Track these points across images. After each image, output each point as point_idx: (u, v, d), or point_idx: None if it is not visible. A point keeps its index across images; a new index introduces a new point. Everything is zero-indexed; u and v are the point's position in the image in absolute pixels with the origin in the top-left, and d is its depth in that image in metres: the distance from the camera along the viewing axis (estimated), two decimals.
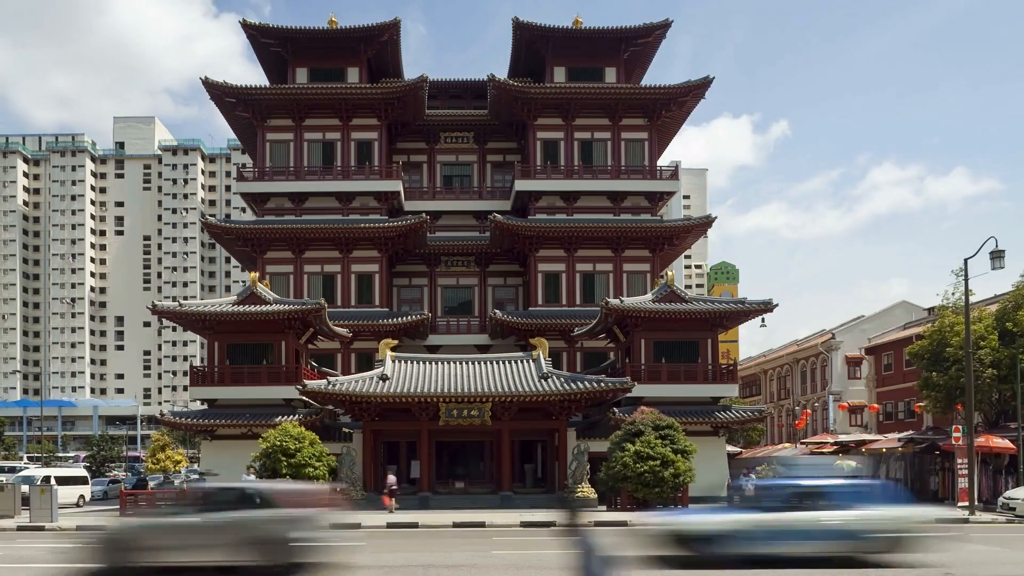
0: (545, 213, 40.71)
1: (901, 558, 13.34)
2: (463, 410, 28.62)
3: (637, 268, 40.79)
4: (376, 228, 39.05)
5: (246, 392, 31.46)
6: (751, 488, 16.71)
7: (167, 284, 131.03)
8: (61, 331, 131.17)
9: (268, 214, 41.02)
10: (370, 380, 29.15)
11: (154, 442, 49.02)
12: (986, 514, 24.28)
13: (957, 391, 29.05)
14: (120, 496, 27.71)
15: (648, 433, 26.19)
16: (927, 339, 31.78)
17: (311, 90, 40.10)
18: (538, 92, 39.87)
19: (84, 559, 12.75)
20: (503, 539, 18.46)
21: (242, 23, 40.22)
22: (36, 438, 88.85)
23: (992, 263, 23.52)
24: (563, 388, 28.46)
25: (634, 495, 26.07)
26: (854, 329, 48.62)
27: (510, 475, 29.71)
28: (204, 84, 39.39)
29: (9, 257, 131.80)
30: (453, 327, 42.16)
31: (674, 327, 32.16)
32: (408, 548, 16.38)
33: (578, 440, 30.45)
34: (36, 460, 60.10)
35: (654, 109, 40.95)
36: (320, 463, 26.93)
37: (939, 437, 29.47)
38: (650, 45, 42.24)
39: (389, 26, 40.62)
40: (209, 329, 31.91)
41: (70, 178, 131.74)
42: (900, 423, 42.04)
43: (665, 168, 42.19)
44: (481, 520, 22.78)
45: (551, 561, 13.82)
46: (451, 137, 44.33)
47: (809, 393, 51.11)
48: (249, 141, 44.17)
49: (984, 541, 17.09)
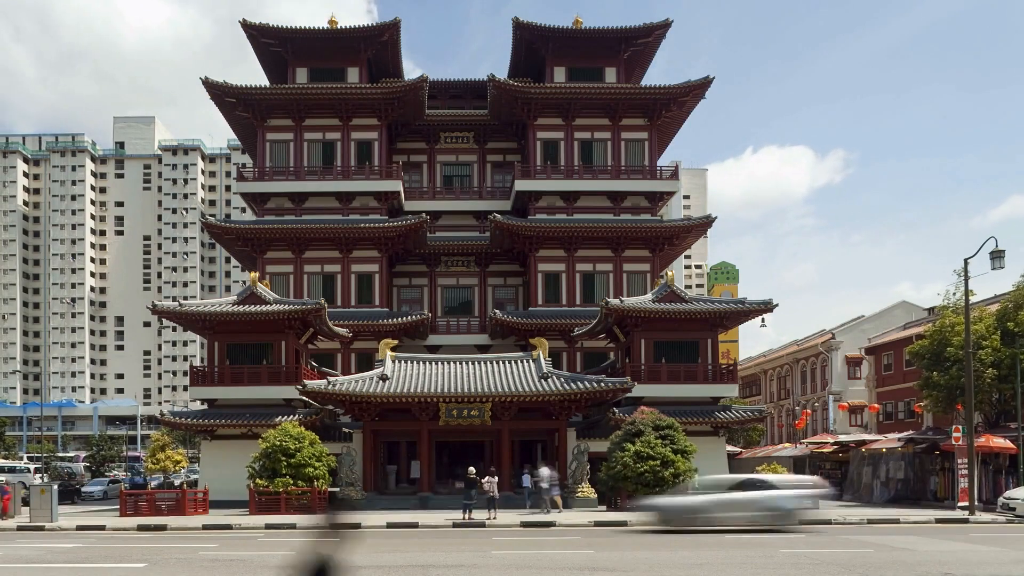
0: (545, 213, 40.71)
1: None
2: (463, 410, 28.62)
3: (637, 268, 40.79)
4: (376, 228, 39.05)
5: (246, 392, 31.44)
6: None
7: (167, 284, 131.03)
8: (61, 331, 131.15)
9: (268, 214, 41.02)
10: (370, 380, 29.15)
11: (154, 442, 48.91)
12: (986, 514, 24.27)
13: (958, 391, 29.03)
14: (120, 496, 27.71)
15: (648, 433, 26.17)
16: (928, 339, 31.76)
17: (311, 90, 40.09)
18: (538, 92, 39.86)
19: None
20: (503, 539, 18.46)
21: (242, 23, 40.22)
22: (36, 438, 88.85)
23: (992, 263, 23.50)
24: (563, 388, 28.45)
25: (634, 495, 26.06)
26: (854, 329, 48.62)
27: (510, 475, 29.70)
28: (204, 84, 39.39)
29: (9, 257, 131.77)
30: (453, 327, 42.16)
31: (674, 327, 32.13)
32: (408, 548, 16.38)
33: (578, 440, 30.46)
34: (36, 460, 60.12)
35: (654, 109, 40.94)
36: (320, 463, 26.94)
37: (939, 437, 29.44)
38: (650, 45, 42.23)
39: (389, 26, 40.64)
40: (209, 329, 31.89)
41: (70, 178, 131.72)
42: (900, 423, 42.03)
43: (665, 168, 42.19)
44: (481, 520, 22.79)
45: (551, 561, 13.82)
46: (451, 137, 44.33)
47: (809, 393, 51.11)
48: (249, 141, 44.17)
49: (984, 541, 17.08)
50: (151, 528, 22.53)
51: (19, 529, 22.89)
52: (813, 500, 21.29)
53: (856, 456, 35.12)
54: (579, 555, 14.97)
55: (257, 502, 26.37)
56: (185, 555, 15.66)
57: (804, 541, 17.36)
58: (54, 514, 24.08)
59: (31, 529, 22.81)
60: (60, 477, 46.40)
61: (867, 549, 15.64)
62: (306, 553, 4.67)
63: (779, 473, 28.92)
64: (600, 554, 15.00)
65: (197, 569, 13.41)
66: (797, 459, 39.25)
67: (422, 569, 12.91)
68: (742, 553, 14.92)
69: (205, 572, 13.05)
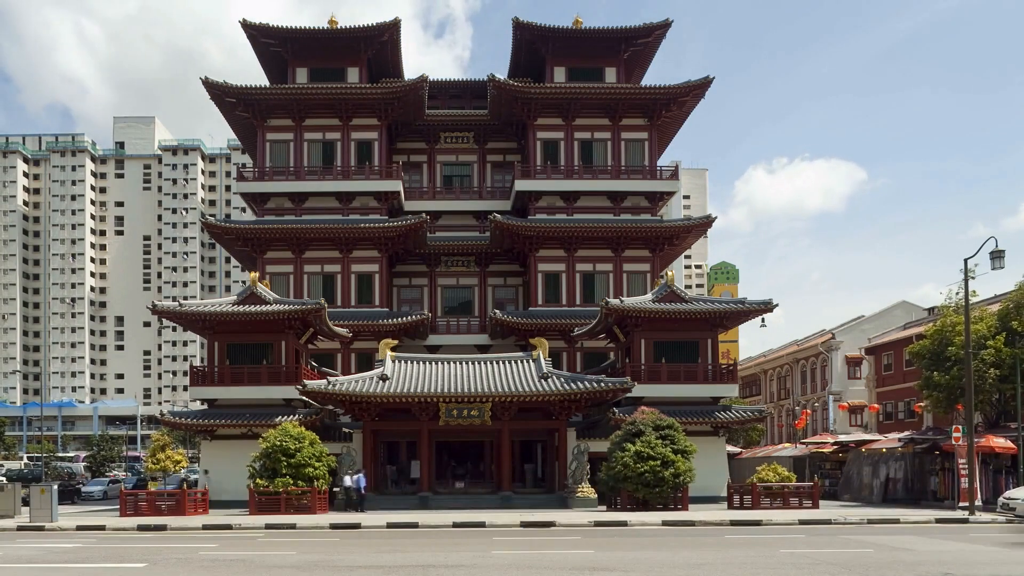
0: (545, 213, 40.71)
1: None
2: (463, 410, 28.62)
3: (637, 268, 40.79)
4: (376, 228, 39.05)
5: (246, 392, 31.42)
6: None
7: (167, 284, 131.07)
8: (61, 331, 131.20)
9: (268, 214, 41.02)
10: (370, 380, 29.15)
11: (154, 442, 48.89)
12: (986, 514, 24.27)
13: (958, 391, 29.01)
14: (120, 496, 27.72)
15: (648, 433, 26.19)
16: (928, 339, 31.75)
17: (311, 90, 40.08)
18: (538, 92, 39.86)
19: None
20: (503, 539, 18.45)
21: (242, 23, 40.21)
22: (36, 438, 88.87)
23: (992, 263, 23.52)
24: (563, 388, 28.45)
25: (634, 495, 26.09)
26: (854, 329, 48.64)
27: (510, 475, 29.70)
28: (204, 84, 39.38)
29: (9, 257, 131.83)
30: (453, 327, 42.16)
31: (674, 327, 32.13)
32: (408, 548, 16.38)
33: (578, 440, 30.47)
34: (36, 460, 60.13)
35: (654, 109, 40.94)
36: (320, 463, 26.96)
37: (939, 437, 29.45)
38: (650, 45, 42.23)
39: (389, 26, 40.63)
40: (209, 329, 31.89)
41: (70, 178, 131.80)
42: (900, 423, 42.05)
43: (665, 168, 42.19)
44: (481, 520, 22.76)
45: (551, 561, 13.82)
46: (451, 137, 44.32)
47: (809, 393, 51.13)
48: (249, 141, 44.17)
49: (984, 541, 17.09)
50: (151, 528, 22.54)
51: (19, 529, 22.89)
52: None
53: (856, 456, 35.13)
54: (579, 555, 14.97)
55: (257, 502, 26.39)
56: (185, 555, 15.65)
57: (804, 541, 17.37)
58: (54, 514, 24.09)
59: (31, 529, 22.81)
60: (60, 477, 46.44)
61: (867, 549, 15.64)
62: None
63: (779, 473, 28.87)
64: (600, 554, 15.00)
65: (197, 569, 13.40)
66: (797, 459, 39.23)
67: (422, 569, 12.90)
68: (742, 553, 14.92)
69: (205, 572, 13.04)
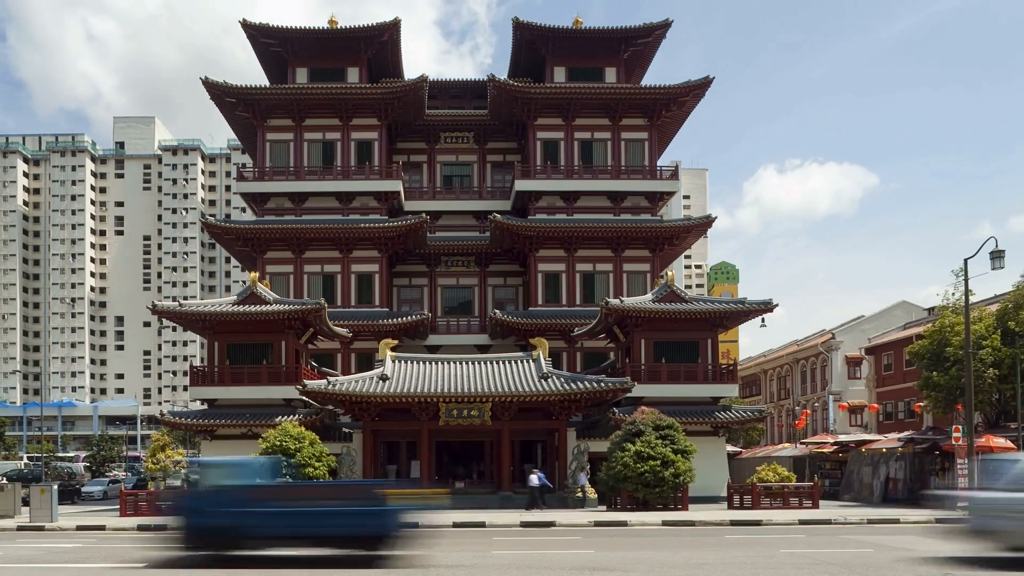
0: (545, 213, 40.71)
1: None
2: (463, 410, 28.62)
3: (637, 268, 40.80)
4: (376, 228, 39.05)
5: (246, 392, 31.45)
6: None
7: (167, 284, 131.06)
8: (61, 331, 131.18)
9: (268, 214, 41.03)
10: (370, 380, 29.15)
11: (154, 442, 48.73)
12: None
13: (958, 391, 29.04)
14: (120, 496, 27.71)
15: (648, 433, 26.17)
16: (928, 339, 31.78)
17: (311, 90, 40.09)
18: (538, 92, 39.86)
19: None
20: (503, 539, 18.45)
21: (242, 23, 40.22)
22: (36, 438, 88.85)
23: (992, 263, 23.52)
24: (563, 388, 28.46)
25: (634, 495, 26.07)
26: (854, 329, 48.64)
27: (510, 475, 29.71)
28: (204, 84, 39.39)
29: (9, 257, 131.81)
30: (453, 327, 42.16)
31: (674, 327, 32.14)
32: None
33: (578, 440, 30.46)
34: (36, 460, 60.10)
35: (654, 109, 40.95)
36: (320, 463, 26.94)
37: (939, 437, 29.46)
38: (650, 45, 42.24)
39: (389, 26, 40.64)
40: (209, 329, 31.90)
41: (70, 178, 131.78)
42: (900, 423, 42.05)
43: (665, 168, 42.21)
44: (481, 520, 22.75)
45: (551, 561, 13.82)
46: (451, 137, 44.34)
47: (809, 393, 51.13)
48: (249, 141, 44.18)
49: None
50: (151, 528, 22.51)
51: (19, 529, 22.88)
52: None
53: (856, 456, 35.13)
54: (579, 555, 14.97)
55: None
56: (185, 554, 15.63)
57: (804, 541, 17.37)
58: (54, 514, 24.07)
59: (31, 529, 22.80)
60: (60, 477, 46.43)
61: (867, 549, 15.64)
62: None
63: (779, 473, 28.86)
64: (600, 554, 15.00)
65: (197, 569, 13.40)
66: (797, 459, 39.24)
67: (422, 569, 12.91)
68: (742, 553, 14.92)
69: (205, 571, 13.05)
